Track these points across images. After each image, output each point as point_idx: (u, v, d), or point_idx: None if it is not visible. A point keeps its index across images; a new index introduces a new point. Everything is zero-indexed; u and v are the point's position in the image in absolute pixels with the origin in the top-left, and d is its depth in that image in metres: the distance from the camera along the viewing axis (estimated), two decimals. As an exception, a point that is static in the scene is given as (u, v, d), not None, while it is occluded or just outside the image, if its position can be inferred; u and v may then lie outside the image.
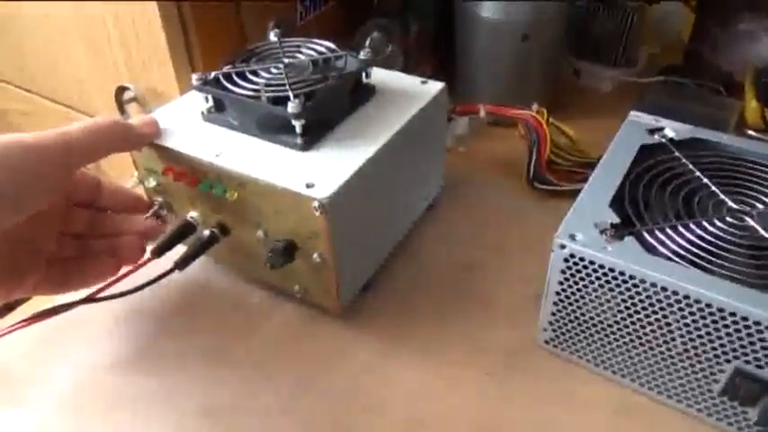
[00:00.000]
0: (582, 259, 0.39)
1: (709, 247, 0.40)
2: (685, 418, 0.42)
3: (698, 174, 0.46)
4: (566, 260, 0.40)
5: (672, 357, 0.40)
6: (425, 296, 0.52)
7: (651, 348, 0.40)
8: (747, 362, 0.37)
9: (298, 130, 0.45)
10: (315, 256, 0.44)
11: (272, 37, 0.54)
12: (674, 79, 0.83)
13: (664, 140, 0.49)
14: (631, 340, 0.41)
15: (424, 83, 0.54)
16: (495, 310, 0.50)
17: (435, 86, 0.53)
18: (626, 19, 0.83)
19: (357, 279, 0.50)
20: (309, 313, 0.50)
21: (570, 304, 0.42)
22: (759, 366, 0.36)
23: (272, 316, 0.50)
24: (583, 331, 0.43)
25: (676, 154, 0.48)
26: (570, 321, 0.43)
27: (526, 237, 0.57)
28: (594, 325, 0.42)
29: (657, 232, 0.41)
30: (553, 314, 0.44)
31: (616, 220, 0.41)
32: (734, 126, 0.73)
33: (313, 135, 0.46)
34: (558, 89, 0.81)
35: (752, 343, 0.36)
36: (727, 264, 0.38)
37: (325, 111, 0.47)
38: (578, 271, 0.40)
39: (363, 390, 0.45)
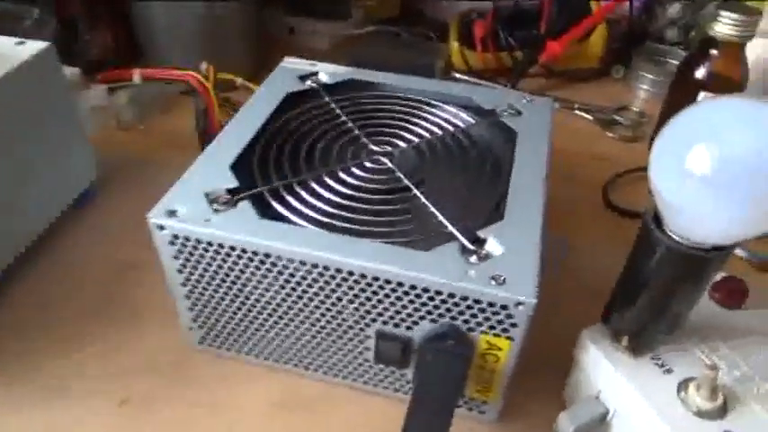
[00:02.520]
0: (187, 238, 0.32)
1: (339, 200, 0.34)
2: (355, 393, 0.37)
3: (344, 118, 0.40)
4: (171, 243, 0.32)
5: (319, 332, 0.34)
6: (65, 308, 0.41)
7: (297, 326, 0.34)
8: (385, 322, 0.32)
9: None
10: None
11: None
12: (387, 29, 0.81)
13: (315, 86, 0.43)
14: (275, 321, 0.35)
15: (20, 44, 0.42)
16: (150, 316, 0.41)
17: (32, 47, 0.41)
18: (335, -29, 0.78)
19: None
20: None
21: (201, 293, 0.35)
22: (396, 325, 0.32)
23: None
24: (228, 321, 0.36)
25: (326, 99, 0.42)
26: (210, 313, 0.36)
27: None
28: (234, 312, 0.35)
29: (283, 191, 0.34)
30: (191, 309, 0.36)
31: (234, 183, 0.34)
32: (442, 70, 0.73)
33: None
34: (267, 50, 0.74)
35: (380, 301, 0.31)
36: (356, 216, 0.33)
37: None
38: (191, 253, 0.32)
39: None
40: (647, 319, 0.30)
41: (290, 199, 0.34)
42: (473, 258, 0.30)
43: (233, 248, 0.31)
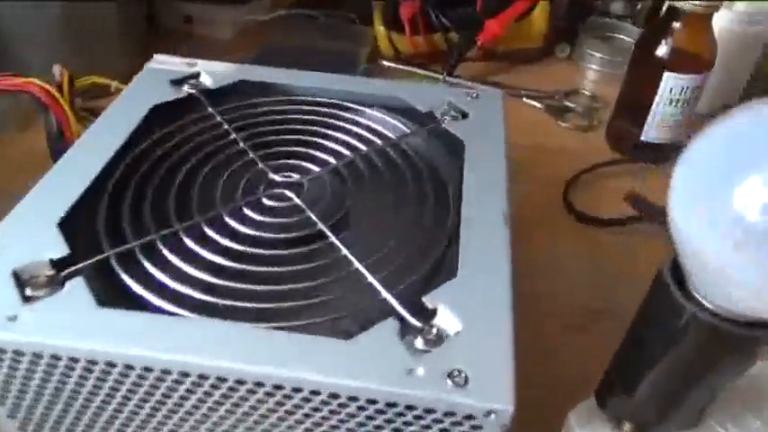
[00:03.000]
0: (-19, 348, 0.21)
1: (223, 263, 0.24)
2: None
3: (234, 136, 0.30)
4: (-41, 354, 0.21)
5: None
6: None
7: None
8: (300, 437, 0.22)
9: None
10: None
11: None
12: (302, 13, 0.70)
13: (194, 92, 0.32)
14: (146, 442, 0.24)
15: None
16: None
17: None
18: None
19: None
20: None
21: (29, 413, 0.23)
22: (317, 440, 0.22)
23: None
24: (80, 443, 0.25)
25: (209, 111, 0.31)
26: (52, 435, 0.25)
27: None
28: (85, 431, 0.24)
29: (140, 256, 0.24)
30: (21, 430, 0.25)
31: (63, 250, 0.23)
32: (367, 58, 0.62)
33: None
34: (158, 45, 0.61)
35: (290, 413, 0.21)
36: (247, 287, 0.23)
37: None
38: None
39: None
40: (659, 409, 0.22)
41: (150, 267, 0.23)
42: (419, 342, 0.21)
43: (57, 357, 0.21)
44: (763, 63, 0.57)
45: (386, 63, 0.62)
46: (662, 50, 0.47)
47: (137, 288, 0.22)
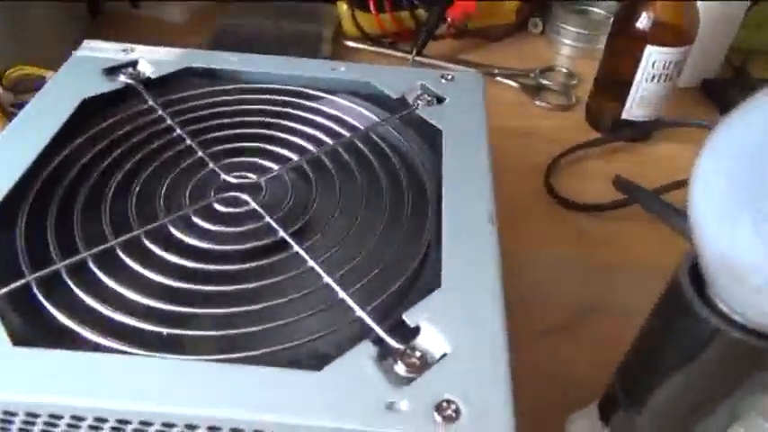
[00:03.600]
0: None
1: (166, 283, 0.20)
2: None
3: (179, 132, 0.26)
4: None
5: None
6: None
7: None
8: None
9: None
10: None
11: None
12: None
13: (132, 82, 0.28)
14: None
15: None
16: None
17: None
18: None
19: None
20: None
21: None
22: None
23: None
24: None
25: (149, 103, 0.27)
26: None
27: None
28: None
29: (67, 278, 0.20)
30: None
31: (-26, 279, 0.19)
32: (331, 39, 0.59)
33: None
34: (102, 31, 0.56)
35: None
36: (195, 310, 0.20)
37: None
38: None
39: None
40: (672, 430, 0.19)
41: (80, 292, 0.20)
42: (400, 368, 0.18)
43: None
44: (742, 35, 0.55)
45: (350, 44, 0.59)
46: (642, 23, 0.45)
47: (63, 319, 0.19)
